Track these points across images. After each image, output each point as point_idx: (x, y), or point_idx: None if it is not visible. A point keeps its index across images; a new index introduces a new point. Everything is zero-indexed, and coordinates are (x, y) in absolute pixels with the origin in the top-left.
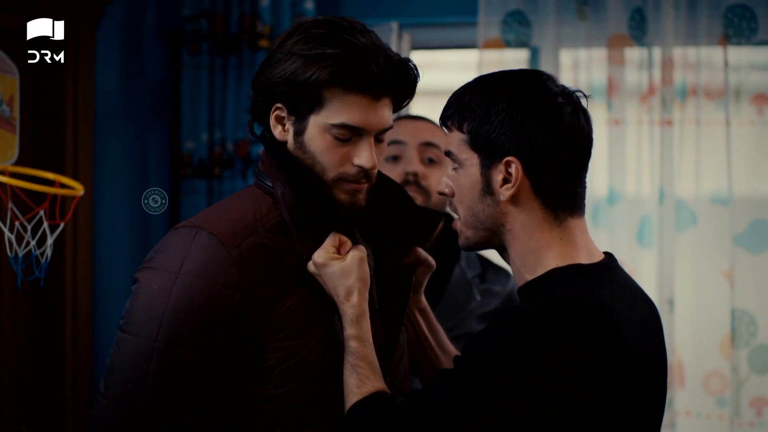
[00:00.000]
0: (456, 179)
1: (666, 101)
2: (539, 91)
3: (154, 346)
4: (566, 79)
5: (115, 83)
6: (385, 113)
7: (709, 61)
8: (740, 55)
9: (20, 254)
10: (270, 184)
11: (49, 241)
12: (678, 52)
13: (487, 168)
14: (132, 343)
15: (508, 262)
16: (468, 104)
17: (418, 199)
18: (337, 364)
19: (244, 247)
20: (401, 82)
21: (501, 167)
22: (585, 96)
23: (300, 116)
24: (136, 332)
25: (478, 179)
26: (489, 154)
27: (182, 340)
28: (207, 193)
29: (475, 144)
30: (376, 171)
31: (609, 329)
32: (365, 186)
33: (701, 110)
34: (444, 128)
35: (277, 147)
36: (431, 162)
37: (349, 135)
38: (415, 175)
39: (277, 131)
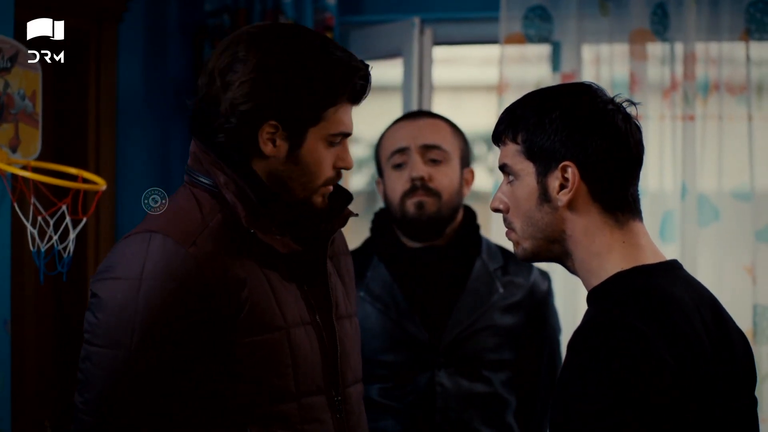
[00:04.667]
0: (512, 192)
1: (688, 96)
2: (591, 99)
3: (130, 355)
4: (588, 74)
5: (137, 78)
6: None
7: (731, 56)
8: (762, 50)
9: (43, 249)
10: (206, 181)
11: (72, 235)
12: (700, 47)
13: (543, 176)
14: (105, 356)
15: (572, 272)
16: (521, 116)
17: (429, 202)
18: (307, 358)
19: (199, 243)
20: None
21: (557, 173)
22: (634, 104)
23: (297, 132)
24: (107, 344)
25: (535, 188)
26: (545, 161)
27: (156, 343)
28: None
29: (530, 153)
30: None
31: (682, 319)
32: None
33: (723, 105)
34: (497, 144)
35: (248, 157)
36: (435, 162)
37: (340, 139)
38: (421, 179)
39: (267, 148)
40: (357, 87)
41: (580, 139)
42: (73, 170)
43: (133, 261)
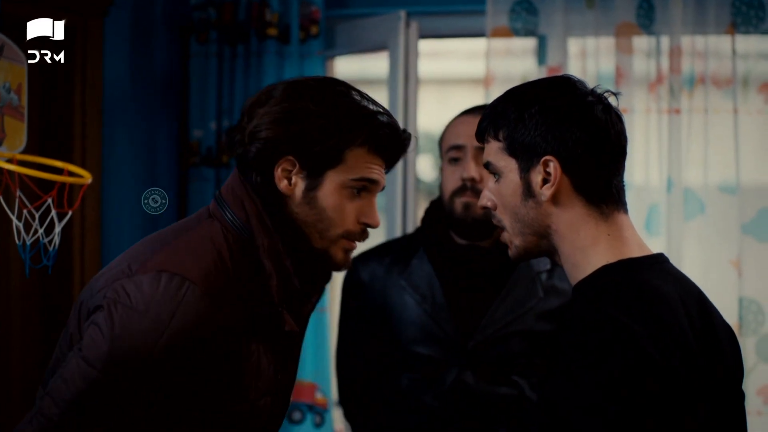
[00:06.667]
0: (497, 190)
1: (674, 90)
2: (569, 92)
3: (124, 386)
4: (574, 67)
5: (123, 72)
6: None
7: (717, 49)
8: (748, 43)
9: (28, 242)
10: (236, 220)
11: (57, 229)
12: (686, 41)
13: (525, 171)
14: (99, 381)
15: (560, 266)
16: (502, 112)
17: (476, 204)
18: (264, 427)
19: (229, 304)
20: (403, 153)
21: (539, 168)
22: (615, 94)
23: (315, 172)
24: (106, 371)
25: (519, 184)
26: (526, 157)
27: (159, 385)
28: (215, 182)
29: (512, 149)
30: None
31: (667, 313)
32: (357, 245)
33: (709, 99)
34: (481, 142)
35: (274, 198)
36: None
37: (365, 186)
38: (472, 180)
39: (282, 184)
40: (379, 133)
41: (560, 132)
42: (58, 163)
43: (164, 304)
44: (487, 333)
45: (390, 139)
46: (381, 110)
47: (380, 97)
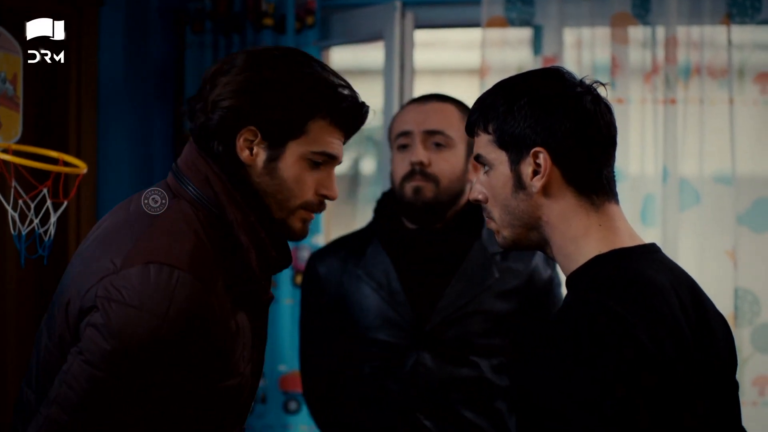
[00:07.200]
0: (488, 182)
1: (669, 80)
2: (558, 83)
3: (135, 382)
4: (570, 58)
5: (118, 62)
6: None
7: (712, 40)
8: (744, 34)
9: (24, 232)
10: (197, 194)
11: (53, 219)
12: (682, 31)
13: (516, 163)
14: (104, 382)
15: (552, 258)
16: (491, 105)
17: (426, 188)
18: (246, 399)
19: (219, 287)
20: (361, 126)
21: (530, 160)
22: (603, 85)
23: (277, 142)
24: (110, 370)
25: (509, 176)
26: (516, 149)
27: (163, 376)
28: None
29: (502, 142)
30: None
31: (661, 303)
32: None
33: (705, 89)
34: (471, 136)
35: (236, 168)
36: (439, 146)
37: (323, 160)
38: (421, 164)
39: (243, 154)
40: (341, 106)
41: (549, 123)
42: (53, 153)
43: (158, 296)
44: (443, 314)
45: (351, 112)
46: (343, 83)
47: (375, 87)
